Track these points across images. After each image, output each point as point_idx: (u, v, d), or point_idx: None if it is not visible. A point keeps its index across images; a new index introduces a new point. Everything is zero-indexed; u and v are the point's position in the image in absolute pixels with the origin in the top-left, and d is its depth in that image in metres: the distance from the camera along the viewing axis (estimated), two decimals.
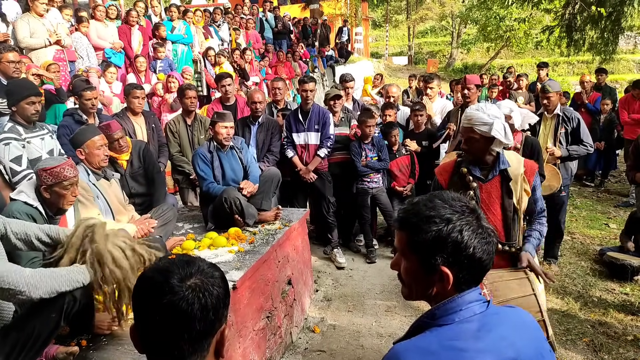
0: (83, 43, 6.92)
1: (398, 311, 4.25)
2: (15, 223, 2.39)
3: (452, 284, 1.20)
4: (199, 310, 0.99)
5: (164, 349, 1.00)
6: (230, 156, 4.22)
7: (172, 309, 0.97)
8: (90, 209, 3.20)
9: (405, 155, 5.53)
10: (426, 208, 1.23)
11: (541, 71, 9.10)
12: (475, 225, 1.21)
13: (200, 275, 1.03)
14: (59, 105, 5.29)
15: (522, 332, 1.21)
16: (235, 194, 3.90)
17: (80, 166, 3.38)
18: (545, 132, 4.72)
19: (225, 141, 4.13)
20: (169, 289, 0.98)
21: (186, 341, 0.99)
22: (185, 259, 1.07)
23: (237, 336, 2.94)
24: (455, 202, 1.24)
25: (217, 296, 1.03)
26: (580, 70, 22.68)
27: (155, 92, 7.13)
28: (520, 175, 2.64)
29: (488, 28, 22.65)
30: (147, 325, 1.00)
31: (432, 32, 35.54)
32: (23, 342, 2.10)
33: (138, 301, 1.02)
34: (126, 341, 2.46)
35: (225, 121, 4.10)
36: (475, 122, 2.55)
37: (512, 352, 1.14)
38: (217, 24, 10.48)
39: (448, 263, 1.19)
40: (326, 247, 5.56)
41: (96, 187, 3.39)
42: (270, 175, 4.31)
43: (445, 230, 1.18)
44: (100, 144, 3.42)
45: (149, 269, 1.06)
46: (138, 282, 1.04)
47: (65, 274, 2.19)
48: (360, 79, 10.90)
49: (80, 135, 3.42)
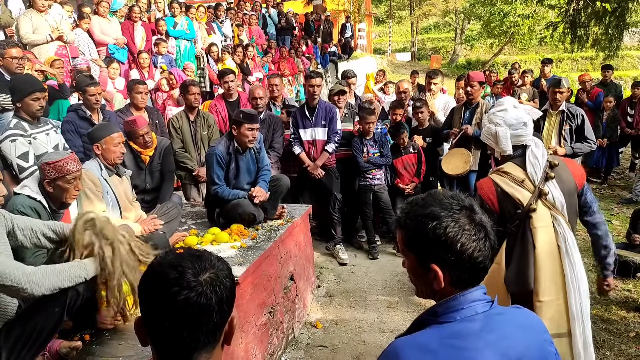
0: (84, 39, 6.92)
1: (400, 307, 4.26)
2: (20, 219, 2.41)
3: (448, 283, 1.19)
4: (217, 304, 1.01)
5: (178, 342, 1.01)
6: (248, 157, 4.06)
7: (190, 304, 0.98)
8: (97, 203, 3.23)
9: (413, 153, 5.51)
10: (418, 207, 1.24)
11: (545, 67, 9.06)
12: (463, 221, 1.19)
13: (213, 269, 1.04)
14: (62, 100, 5.29)
15: (527, 333, 1.20)
16: (249, 209, 3.84)
17: (94, 161, 3.42)
18: (550, 128, 4.71)
19: (250, 143, 3.91)
20: (186, 284, 0.99)
21: (204, 333, 1.01)
22: (195, 253, 1.07)
23: (239, 331, 2.95)
24: (447, 199, 1.23)
25: (229, 288, 1.05)
26: (584, 66, 22.60)
27: (159, 88, 7.13)
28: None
29: (492, 24, 22.60)
30: (161, 319, 1.00)
31: (435, 28, 35.40)
32: (27, 337, 2.11)
33: (150, 296, 1.02)
34: (129, 336, 2.48)
35: (253, 123, 3.86)
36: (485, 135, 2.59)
37: (515, 353, 1.13)
38: (220, 20, 10.46)
39: (439, 261, 1.19)
40: (329, 243, 5.57)
41: (107, 183, 3.42)
42: (280, 185, 4.25)
43: (431, 228, 1.18)
44: (118, 141, 3.45)
45: (158, 263, 1.05)
46: (149, 277, 1.04)
47: (67, 269, 2.20)
48: (363, 75, 10.88)
49: (99, 130, 3.44)
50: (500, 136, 2.47)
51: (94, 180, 3.28)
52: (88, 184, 3.23)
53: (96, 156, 3.43)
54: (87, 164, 3.40)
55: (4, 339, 2.10)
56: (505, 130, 2.47)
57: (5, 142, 3.55)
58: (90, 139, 3.46)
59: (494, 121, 2.52)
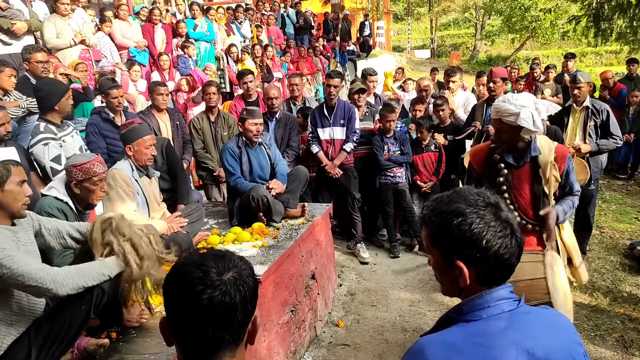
0: (106, 42, 7.04)
1: (422, 306, 4.23)
2: (47, 220, 2.47)
3: (474, 280, 1.18)
4: (240, 302, 1.02)
5: (203, 341, 1.03)
6: (258, 152, 4.22)
7: (215, 303, 0.99)
8: (128, 203, 3.30)
9: (434, 152, 5.48)
10: (443, 204, 1.24)
11: (568, 62, 8.89)
12: (489, 218, 1.18)
13: (236, 268, 1.05)
14: (86, 103, 5.40)
15: (554, 333, 1.18)
16: (262, 191, 3.90)
17: (126, 161, 3.49)
18: (574, 125, 4.62)
19: (255, 137, 4.13)
20: (210, 283, 1.00)
21: (228, 332, 1.03)
22: (218, 253, 1.09)
23: (262, 330, 2.97)
24: (472, 196, 1.22)
25: (252, 287, 1.06)
26: (608, 60, 22.13)
27: (180, 88, 7.21)
28: (549, 163, 2.69)
29: (513, 19, 22.24)
30: (186, 319, 1.02)
31: (455, 24, 35.07)
32: (55, 334, 2.16)
33: (175, 296, 1.04)
34: (155, 333, 2.52)
35: (255, 118, 4.09)
36: (503, 113, 2.63)
37: (541, 353, 1.11)
38: (239, 21, 10.54)
39: (464, 257, 1.18)
40: (350, 242, 5.57)
41: (138, 183, 3.49)
42: (298, 174, 4.31)
43: (456, 224, 1.17)
44: (149, 144, 3.52)
45: (182, 264, 1.07)
46: (174, 277, 1.06)
47: (91, 268, 2.24)
48: (382, 73, 10.83)
49: (132, 132, 3.51)
50: (537, 114, 2.57)
51: (127, 180, 3.36)
52: (121, 184, 3.30)
53: (128, 157, 3.50)
54: (119, 164, 3.48)
55: (33, 337, 2.15)
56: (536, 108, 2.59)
57: (38, 146, 3.62)
58: (123, 140, 3.53)
59: (523, 105, 2.56)
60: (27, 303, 2.21)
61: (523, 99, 2.62)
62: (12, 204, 2.17)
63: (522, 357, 1.09)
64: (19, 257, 2.03)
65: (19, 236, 2.22)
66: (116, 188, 3.29)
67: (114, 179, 3.31)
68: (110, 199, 3.28)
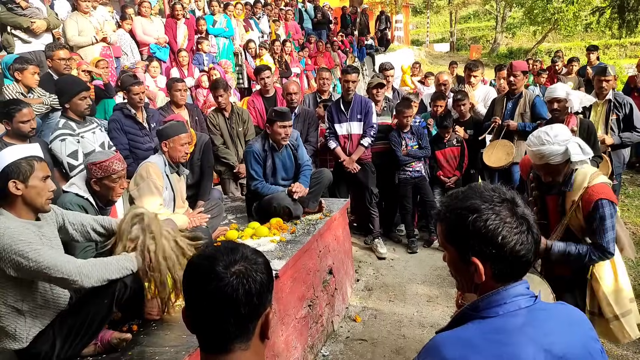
0: (126, 39, 7.12)
1: (440, 301, 4.22)
2: (71, 214, 2.52)
3: (490, 276, 1.18)
4: (244, 296, 1.03)
5: (212, 331, 1.06)
6: (284, 154, 4.14)
7: (218, 294, 1.02)
8: (157, 196, 3.36)
9: (456, 146, 5.43)
10: (458, 200, 1.23)
11: (591, 55, 8.71)
12: (504, 214, 1.16)
13: (244, 262, 1.07)
14: (107, 100, 5.48)
15: (571, 330, 1.17)
16: (285, 202, 3.88)
17: (159, 156, 3.56)
18: (596, 118, 4.53)
19: (283, 141, 4.00)
20: (215, 276, 1.03)
21: (232, 324, 1.04)
22: (230, 246, 1.11)
23: (279, 324, 3.00)
24: (488, 192, 1.21)
25: (260, 282, 1.07)
26: (633, 52, 21.57)
27: (200, 84, 7.26)
28: (573, 201, 2.51)
29: (534, 11, 21.83)
30: (197, 309, 1.06)
31: (475, 16, 34.58)
32: (78, 326, 2.22)
33: (187, 286, 1.08)
34: (175, 326, 2.56)
35: (284, 120, 3.94)
36: (549, 156, 2.41)
37: (558, 350, 1.10)
38: (257, 17, 10.57)
39: (479, 254, 1.17)
40: (367, 237, 5.56)
41: (168, 179, 3.55)
42: (322, 178, 4.29)
43: (471, 220, 1.16)
44: (184, 142, 3.57)
45: (196, 256, 1.11)
46: (187, 268, 1.10)
47: (115, 262, 2.29)
48: (400, 68, 10.75)
49: (169, 129, 3.57)
50: (579, 139, 2.45)
51: (158, 174, 3.42)
52: (152, 178, 3.36)
53: (162, 153, 3.56)
54: (153, 158, 3.54)
55: (58, 329, 2.22)
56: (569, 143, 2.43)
57: (55, 142, 3.71)
58: (159, 136, 3.59)
59: (560, 140, 2.38)
60: (52, 296, 2.27)
61: (559, 131, 2.42)
62: (36, 199, 2.22)
63: (540, 354, 1.08)
64: (44, 250, 2.09)
65: (43, 231, 2.27)
66: (147, 181, 3.35)
67: (147, 172, 3.38)
68: (140, 191, 3.34)
